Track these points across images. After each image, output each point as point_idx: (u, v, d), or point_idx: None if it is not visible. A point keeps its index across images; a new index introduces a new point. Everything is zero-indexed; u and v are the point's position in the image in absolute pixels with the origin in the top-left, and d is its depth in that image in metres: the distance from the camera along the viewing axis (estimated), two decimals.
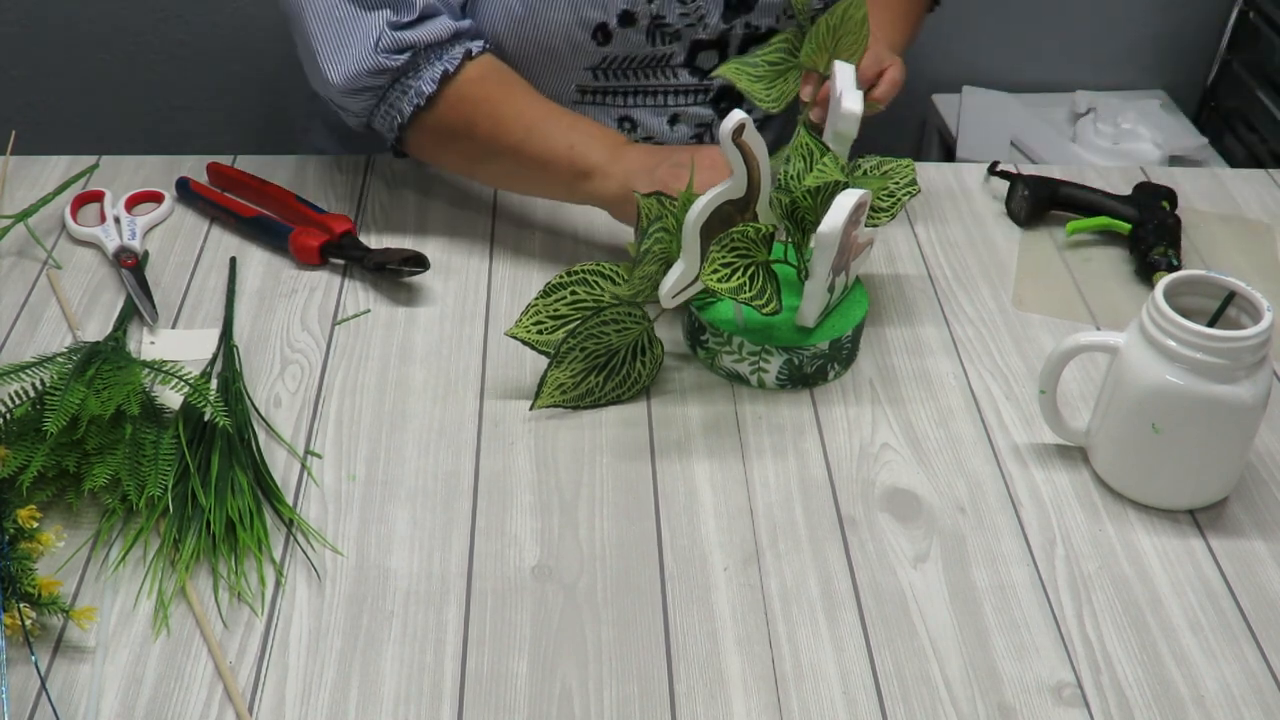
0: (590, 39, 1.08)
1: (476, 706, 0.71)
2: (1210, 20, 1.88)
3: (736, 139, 0.86)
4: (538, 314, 0.91)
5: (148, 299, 0.98)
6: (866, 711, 0.71)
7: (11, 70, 1.80)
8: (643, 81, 1.13)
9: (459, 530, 0.81)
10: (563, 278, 0.91)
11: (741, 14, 1.12)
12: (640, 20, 1.08)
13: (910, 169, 0.97)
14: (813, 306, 0.90)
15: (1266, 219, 1.15)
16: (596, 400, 0.91)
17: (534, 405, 0.90)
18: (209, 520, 0.79)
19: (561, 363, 0.89)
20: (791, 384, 0.93)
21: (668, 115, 1.16)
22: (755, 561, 0.80)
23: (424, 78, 1.00)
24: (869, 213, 0.94)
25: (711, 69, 1.14)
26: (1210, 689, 0.73)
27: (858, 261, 0.95)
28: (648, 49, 1.11)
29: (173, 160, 1.16)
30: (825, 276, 0.88)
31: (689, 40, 1.12)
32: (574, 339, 0.89)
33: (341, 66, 0.99)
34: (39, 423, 0.78)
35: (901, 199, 0.95)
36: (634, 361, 0.92)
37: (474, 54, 1.02)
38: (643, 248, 0.88)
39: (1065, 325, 1.00)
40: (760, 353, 0.91)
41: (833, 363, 0.93)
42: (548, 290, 0.91)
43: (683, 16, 1.10)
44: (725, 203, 0.89)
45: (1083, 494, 0.85)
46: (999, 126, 1.79)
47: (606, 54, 1.10)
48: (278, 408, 0.90)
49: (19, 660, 0.72)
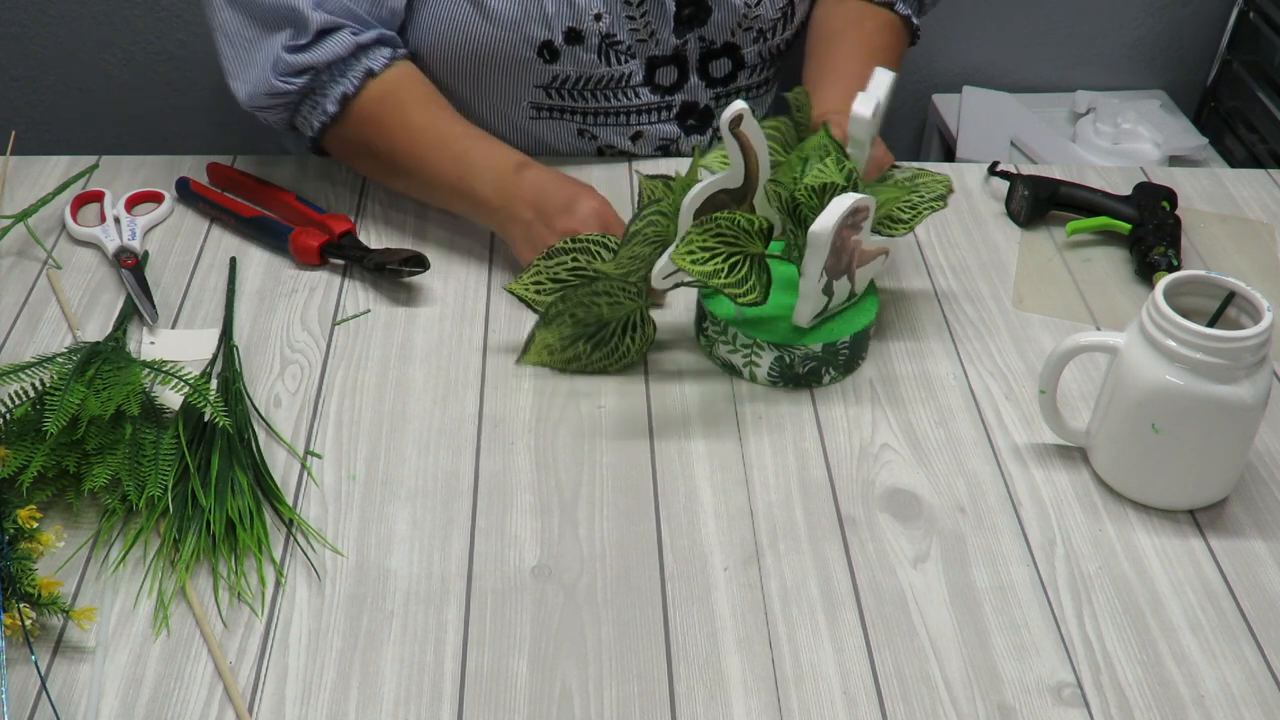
0: (537, 56, 1.07)
1: (476, 706, 0.71)
2: (1210, 20, 1.88)
3: (734, 129, 0.86)
4: (538, 274, 0.94)
5: (148, 299, 0.98)
6: (866, 712, 0.71)
7: (11, 70, 1.80)
8: (602, 103, 1.13)
9: (459, 530, 0.81)
10: (567, 244, 0.94)
11: (694, 28, 1.11)
12: (589, 38, 1.07)
13: (944, 185, 0.96)
14: (806, 306, 0.90)
15: (1266, 219, 1.15)
16: (583, 367, 0.93)
17: (520, 360, 0.93)
18: (209, 520, 0.79)
19: (550, 324, 0.91)
20: (784, 382, 0.93)
21: (630, 133, 1.16)
22: (755, 561, 0.80)
23: (329, 96, 1.02)
24: (886, 223, 0.93)
25: (672, 85, 1.14)
26: (1210, 689, 0.73)
27: (867, 269, 0.94)
28: (603, 68, 1.10)
29: (173, 160, 1.16)
30: (816, 276, 0.88)
31: (644, 57, 1.11)
32: (564, 304, 0.91)
33: (246, 86, 1.02)
34: (39, 423, 0.78)
35: (923, 212, 0.94)
36: (624, 336, 0.93)
37: (377, 71, 1.02)
38: (632, 229, 0.89)
39: (1065, 325, 1.00)
40: (753, 346, 0.91)
41: (827, 366, 0.92)
42: (550, 253, 0.94)
43: (633, 33, 1.09)
44: (721, 192, 0.90)
45: (1083, 494, 0.85)
46: (999, 126, 1.79)
47: (557, 72, 1.09)
48: (278, 408, 0.90)
49: (19, 660, 0.72)
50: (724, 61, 1.15)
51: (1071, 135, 1.80)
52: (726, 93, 1.18)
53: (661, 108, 1.15)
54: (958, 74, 1.90)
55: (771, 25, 1.15)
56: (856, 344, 0.93)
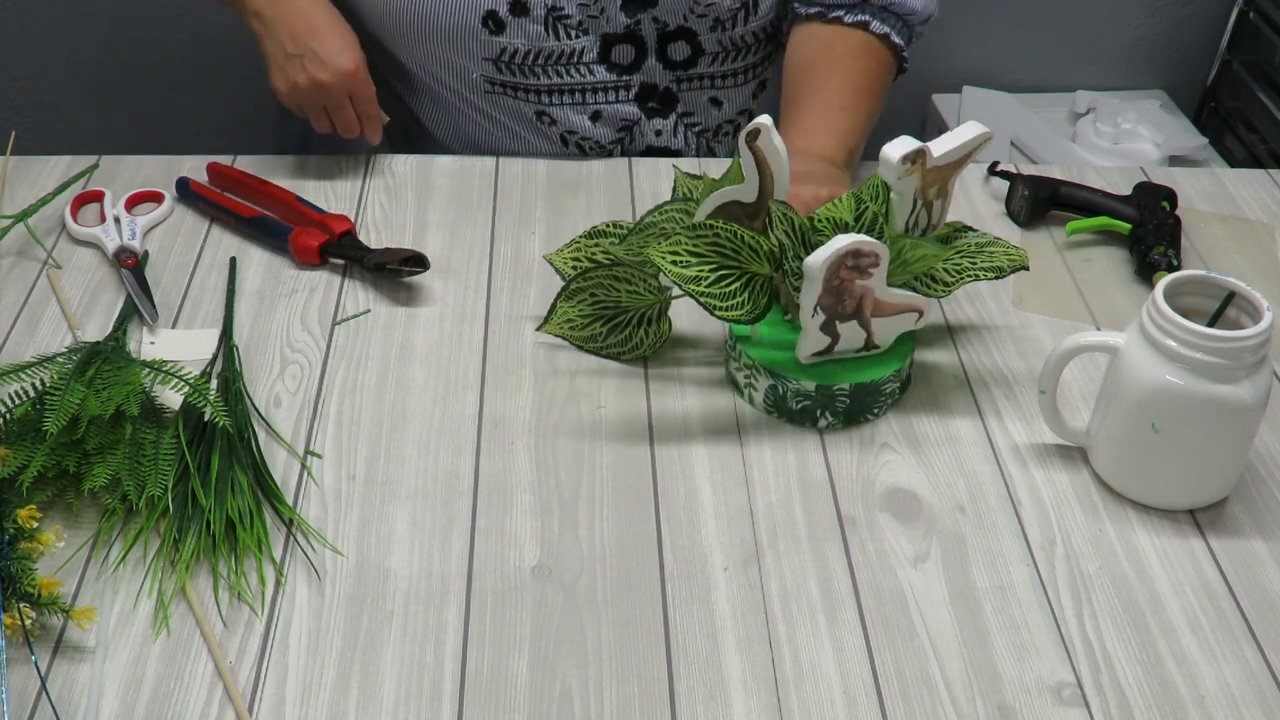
0: (482, 26, 1.07)
1: (476, 706, 0.71)
2: (1210, 20, 1.88)
3: (750, 144, 0.85)
4: (577, 249, 0.96)
5: (148, 299, 0.98)
6: (866, 711, 0.71)
7: (11, 70, 1.80)
8: (555, 79, 1.12)
9: (459, 530, 0.81)
10: (607, 226, 0.95)
11: (646, 9, 1.11)
12: (534, 9, 1.07)
13: (1013, 260, 0.90)
14: (804, 341, 0.87)
15: (1266, 219, 1.15)
16: (598, 349, 0.94)
17: (540, 327, 0.95)
18: (209, 520, 0.79)
19: (572, 298, 0.93)
20: (779, 414, 0.90)
21: (588, 112, 1.15)
22: (755, 561, 0.80)
23: None
24: (925, 280, 0.88)
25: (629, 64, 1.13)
26: (1210, 689, 0.73)
27: (888, 322, 0.88)
28: (552, 42, 1.09)
29: (173, 160, 1.16)
30: (809, 310, 0.85)
31: (598, 34, 1.11)
32: (585, 281, 0.92)
33: None
34: (39, 423, 0.78)
35: (967, 279, 0.89)
36: (638, 327, 0.93)
37: None
38: (648, 220, 0.89)
39: (1065, 325, 1.00)
40: (752, 369, 0.90)
41: (824, 410, 0.88)
42: (592, 233, 0.96)
43: (582, 8, 1.08)
44: (734, 203, 0.89)
45: (1083, 494, 0.85)
46: (999, 126, 1.79)
47: (504, 45, 1.09)
48: (278, 408, 0.90)
49: (19, 660, 0.72)
50: (681, 45, 1.14)
51: (1071, 135, 1.80)
52: (688, 77, 1.17)
53: (619, 87, 1.14)
54: (958, 74, 1.90)
55: (730, 15, 1.13)
56: (861, 395, 0.88)
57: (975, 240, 0.92)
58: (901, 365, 0.90)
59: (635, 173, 1.17)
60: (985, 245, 0.91)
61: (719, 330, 0.98)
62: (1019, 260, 0.90)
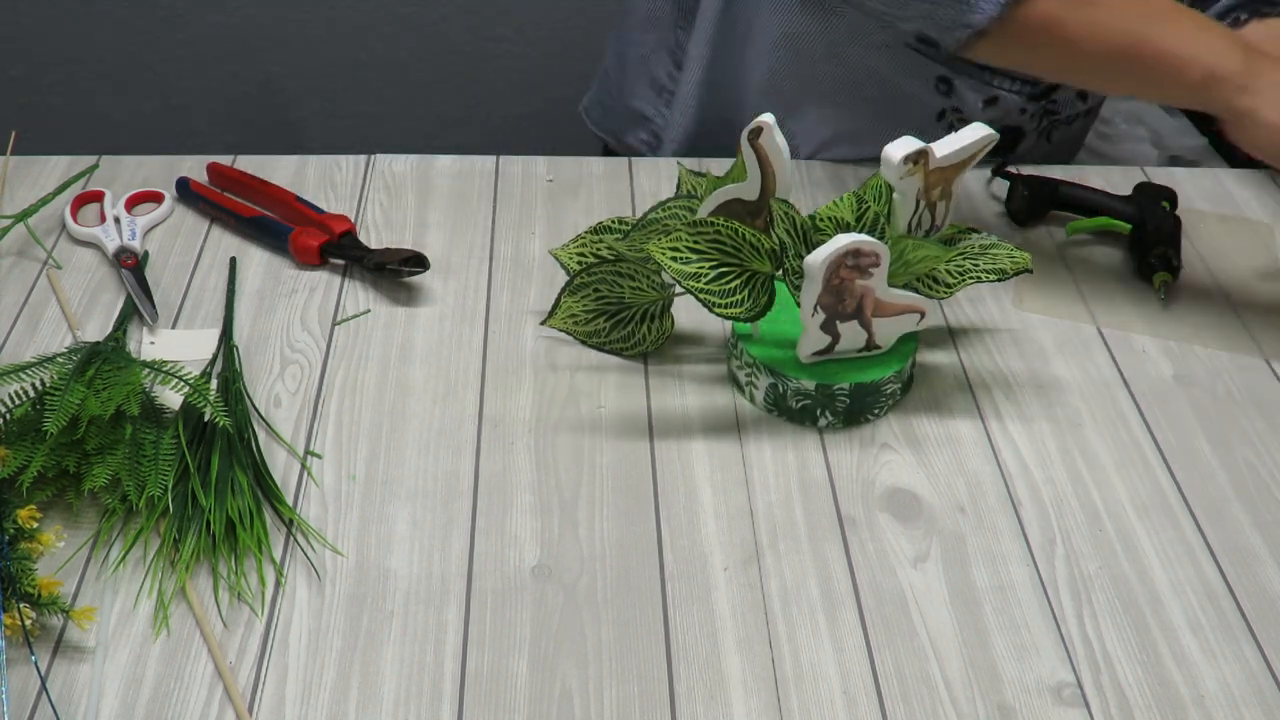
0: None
1: (476, 706, 0.71)
2: None
3: (753, 141, 0.85)
4: (583, 245, 0.96)
5: (148, 299, 0.98)
6: (866, 712, 0.71)
7: (11, 70, 1.80)
8: None
9: (459, 530, 0.81)
10: (612, 222, 0.95)
11: None
12: None
13: (1016, 263, 0.90)
14: (804, 340, 0.87)
15: (1266, 219, 1.15)
16: (601, 344, 0.94)
17: (544, 321, 0.95)
18: (209, 520, 0.79)
19: (576, 293, 0.93)
20: (779, 412, 0.90)
21: (985, 96, 1.13)
22: (755, 561, 0.80)
23: None
24: (927, 282, 0.88)
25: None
26: (1210, 689, 0.73)
27: (889, 322, 0.88)
28: None
29: (173, 160, 1.16)
30: (810, 309, 0.85)
31: None
32: (589, 276, 0.92)
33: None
34: (39, 423, 0.78)
35: (970, 280, 0.89)
36: (641, 324, 0.93)
37: None
38: (650, 216, 0.89)
39: (1065, 325, 1.00)
40: (753, 367, 0.90)
41: (824, 409, 0.88)
42: (597, 228, 0.96)
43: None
44: (736, 201, 0.89)
45: (1083, 494, 0.85)
46: None
47: None
48: (278, 408, 0.90)
49: (19, 660, 0.72)
50: None
51: None
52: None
53: (1022, 77, 1.13)
54: None
55: None
56: (861, 395, 0.88)
57: (979, 242, 0.92)
58: (903, 366, 0.90)
59: (635, 173, 1.17)
60: (989, 247, 0.91)
61: (721, 328, 0.98)
62: (1022, 263, 0.90)
